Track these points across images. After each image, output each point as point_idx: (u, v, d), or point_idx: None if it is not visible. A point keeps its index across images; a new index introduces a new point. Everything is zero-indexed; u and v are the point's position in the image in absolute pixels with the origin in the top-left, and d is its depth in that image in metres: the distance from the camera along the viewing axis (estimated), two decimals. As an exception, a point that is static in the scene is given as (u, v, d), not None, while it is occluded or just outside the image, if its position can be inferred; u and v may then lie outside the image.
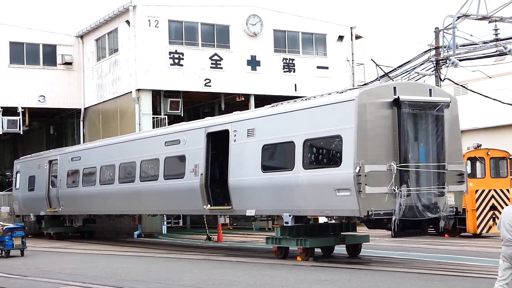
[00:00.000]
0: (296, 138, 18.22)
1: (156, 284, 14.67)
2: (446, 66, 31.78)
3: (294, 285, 13.94)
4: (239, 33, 35.33)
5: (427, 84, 21.18)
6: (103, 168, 27.76)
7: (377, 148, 16.64)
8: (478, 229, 25.19)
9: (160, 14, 33.56)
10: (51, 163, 32.27)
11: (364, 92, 16.92)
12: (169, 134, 24.10)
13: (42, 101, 37.45)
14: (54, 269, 18.79)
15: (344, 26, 38.37)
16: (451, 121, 17.62)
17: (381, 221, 17.02)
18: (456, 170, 17.73)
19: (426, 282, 13.68)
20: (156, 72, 33.36)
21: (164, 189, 23.69)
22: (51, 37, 37.95)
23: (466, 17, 28.89)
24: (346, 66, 38.04)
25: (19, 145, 48.38)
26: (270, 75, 35.85)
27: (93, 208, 29.20)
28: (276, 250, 19.67)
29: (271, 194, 19.13)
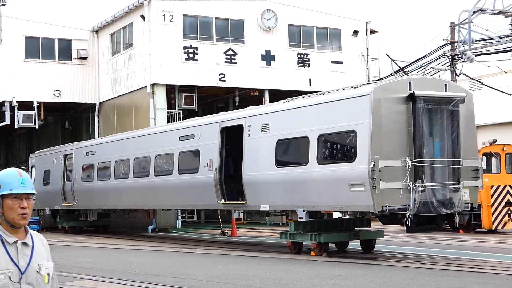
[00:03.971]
0: (310, 133, 18.20)
1: (170, 278, 14.71)
2: (461, 61, 31.65)
3: (308, 280, 13.94)
4: (253, 28, 35.30)
5: (442, 79, 21.10)
6: (118, 163, 27.85)
7: (392, 143, 16.59)
8: (493, 225, 25.07)
9: (174, 9, 33.58)
10: (66, 158, 32.41)
11: (379, 87, 16.87)
12: (183, 128, 24.14)
13: (57, 96, 37.60)
14: (69, 263, 18.88)
15: (359, 21, 38.25)
16: (466, 116, 17.53)
17: (395, 217, 16.97)
18: (471, 165, 17.65)
19: (440, 278, 13.63)
20: (170, 67, 33.40)
21: (178, 184, 23.74)
22: (66, 31, 38.08)
23: (482, 11, 28.75)
24: (361, 61, 37.92)
25: (35, 140, 48.66)
26: (285, 70, 35.80)
27: (108, 202, 29.31)
28: (290, 245, 19.67)
29: (285, 189, 19.13)
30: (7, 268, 4.08)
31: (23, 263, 4.15)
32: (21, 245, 4.19)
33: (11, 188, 4.20)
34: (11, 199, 4.19)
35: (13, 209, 4.17)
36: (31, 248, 4.23)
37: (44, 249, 4.34)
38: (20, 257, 4.15)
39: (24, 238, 4.23)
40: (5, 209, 4.19)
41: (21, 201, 4.21)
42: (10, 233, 4.19)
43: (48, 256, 4.36)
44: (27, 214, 4.21)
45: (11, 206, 4.18)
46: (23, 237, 4.24)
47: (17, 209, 4.18)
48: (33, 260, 4.19)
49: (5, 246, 4.13)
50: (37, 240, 4.32)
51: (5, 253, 4.11)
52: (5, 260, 4.10)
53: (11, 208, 4.17)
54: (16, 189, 4.22)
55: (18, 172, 4.32)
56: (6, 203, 4.18)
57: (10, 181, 4.23)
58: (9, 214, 4.18)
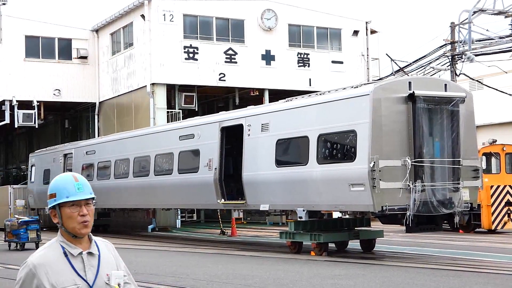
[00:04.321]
0: (310, 132, 18.20)
1: (170, 278, 14.71)
2: (461, 61, 31.66)
3: (307, 279, 13.94)
4: (253, 27, 35.29)
5: (442, 79, 21.11)
6: (118, 162, 27.85)
7: (392, 143, 16.60)
8: (493, 225, 25.06)
9: (175, 8, 33.58)
10: (66, 157, 32.41)
11: (379, 87, 16.87)
12: (183, 128, 24.14)
13: (57, 95, 37.60)
14: (68, 262, 18.85)
15: (359, 21, 38.25)
16: (466, 116, 17.54)
17: (395, 217, 16.98)
18: (471, 165, 17.65)
19: (440, 278, 13.63)
20: (170, 67, 33.40)
21: (178, 183, 23.74)
22: (66, 31, 38.08)
23: (482, 12, 28.76)
24: (361, 61, 37.91)
25: (34, 139, 48.67)
26: (285, 69, 35.80)
27: (108, 201, 29.29)
28: (290, 245, 19.67)
29: (285, 189, 19.14)
30: (74, 283, 3.73)
31: (90, 275, 3.80)
32: (86, 256, 3.84)
33: (67, 195, 3.82)
34: (69, 207, 3.81)
35: (72, 218, 3.81)
36: (97, 258, 3.88)
37: (112, 256, 3.98)
38: (87, 270, 3.80)
39: (89, 248, 3.88)
40: (64, 219, 3.83)
41: (80, 208, 3.83)
42: (73, 244, 3.83)
43: (118, 262, 4.01)
44: (88, 222, 3.83)
45: (69, 215, 3.81)
46: (88, 246, 3.88)
47: (76, 218, 3.81)
48: (101, 271, 3.85)
49: (69, 259, 3.78)
50: (103, 247, 3.96)
51: (70, 267, 3.77)
52: (71, 274, 3.76)
53: (70, 217, 3.81)
54: (73, 195, 3.83)
55: (73, 177, 3.91)
56: (64, 212, 3.82)
57: (65, 187, 3.84)
58: (69, 224, 3.81)
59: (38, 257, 3.78)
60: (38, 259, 3.77)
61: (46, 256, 3.78)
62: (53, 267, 3.74)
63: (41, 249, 3.85)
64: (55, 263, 3.75)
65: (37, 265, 3.72)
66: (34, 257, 3.78)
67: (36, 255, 3.80)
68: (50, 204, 3.86)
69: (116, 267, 3.94)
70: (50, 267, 3.73)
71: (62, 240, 3.84)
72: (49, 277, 3.70)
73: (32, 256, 3.79)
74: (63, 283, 3.70)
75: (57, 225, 3.86)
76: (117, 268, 3.95)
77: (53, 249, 3.82)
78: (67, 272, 3.74)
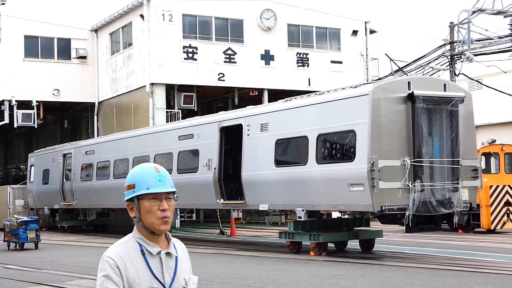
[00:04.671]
0: (310, 132, 18.21)
1: (169, 278, 14.67)
2: (460, 61, 31.66)
3: (307, 279, 13.94)
4: (253, 27, 35.29)
5: (441, 79, 21.10)
6: (117, 162, 27.85)
7: (391, 143, 16.60)
8: (492, 225, 25.07)
9: (174, 8, 33.58)
10: (65, 157, 32.41)
11: (378, 87, 16.88)
12: (182, 128, 24.14)
13: (56, 95, 37.59)
14: (68, 262, 18.88)
15: (358, 21, 38.25)
16: (465, 116, 17.55)
17: (394, 216, 16.99)
18: (471, 165, 17.66)
19: (439, 278, 13.64)
20: (170, 66, 33.40)
21: (178, 183, 23.45)
22: (65, 31, 38.07)
23: (481, 11, 28.77)
24: (360, 60, 37.92)
25: (34, 139, 48.65)
26: (284, 69, 35.80)
27: (107, 201, 29.29)
28: (289, 245, 19.67)
29: (284, 189, 19.14)
30: (151, 285, 3.42)
31: (168, 278, 3.47)
32: (164, 256, 3.50)
33: (147, 186, 3.50)
34: (149, 200, 3.48)
35: (152, 212, 3.47)
36: (175, 260, 3.54)
37: (186, 259, 3.64)
38: (165, 272, 3.47)
39: (167, 247, 3.54)
40: (142, 213, 3.48)
41: (160, 202, 3.49)
42: (151, 241, 3.50)
43: (190, 267, 3.67)
44: (168, 218, 3.49)
45: (149, 209, 3.47)
46: (166, 246, 3.54)
47: (156, 212, 3.47)
48: (178, 274, 3.51)
49: (146, 259, 3.45)
50: (178, 248, 3.62)
51: (146, 268, 3.44)
52: (148, 275, 3.43)
53: (149, 211, 3.47)
54: (154, 187, 3.50)
55: (154, 168, 3.59)
56: (143, 205, 3.48)
57: (146, 178, 3.52)
58: (148, 219, 3.47)
59: (115, 252, 3.45)
60: (115, 253, 3.45)
61: (124, 251, 3.46)
62: (131, 264, 3.42)
63: (116, 244, 3.51)
64: (133, 260, 3.44)
65: (116, 258, 3.41)
66: (111, 252, 3.45)
67: (113, 249, 3.47)
68: (128, 196, 3.54)
69: (189, 271, 3.62)
70: (128, 263, 3.42)
71: (139, 236, 3.51)
72: (127, 273, 3.40)
73: (107, 251, 3.47)
74: (139, 284, 3.40)
75: (133, 219, 3.55)
76: (190, 272, 3.63)
77: (129, 245, 3.49)
78: (143, 272, 3.43)
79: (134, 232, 3.54)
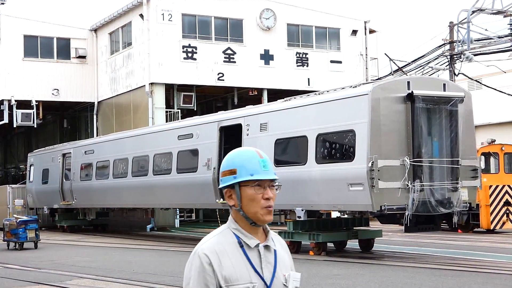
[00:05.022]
0: (309, 132, 18.21)
1: (169, 277, 14.70)
2: (460, 61, 31.65)
3: (306, 279, 13.93)
4: (252, 27, 35.29)
5: (441, 79, 21.10)
6: (116, 162, 27.85)
7: (391, 143, 16.60)
8: (491, 225, 25.07)
9: (173, 8, 33.57)
10: (64, 156, 32.40)
11: (378, 87, 16.88)
12: (182, 128, 24.14)
13: (56, 95, 37.58)
14: (67, 261, 18.88)
15: (358, 21, 38.25)
16: (465, 116, 17.55)
17: (394, 216, 17.00)
18: (470, 165, 17.66)
19: (439, 278, 13.64)
20: (169, 66, 33.39)
21: (177, 183, 23.74)
22: (65, 30, 38.06)
23: (481, 11, 28.77)
24: (360, 60, 37.92)
25: (33, 138, 48.64)
26: (283, 69, 35.80)
27: (106, 201, 29.30)
28: (288, 245, 19.59)
29: (283, 189, 18.95)
30: (250, 280, 3.14)
31: (267, 273, 3.19)
32: (263, 250, 3.22)
33: (251, 172, 3.20)
34: (253, 188, 3.19)
35: (256, 201, 3.17)
36: (273, 254, 3.26)
37: (286, 254, 3.37)
38: (264, 266, 3.19)
39: (265, 240, 3.25)
40: (244, 201, 3.19)
41: (264, 190, 3.20)
42: (249, 233, 3.22)
43: (291, 264, 3.37)
44: (272, 207, 3.22)
45: (252, 197, 3.18)
46: (264, 238, 3.26)
47: (260, 201, 3.18)
48: (278, 269, 3.23)
49: (245, 252, 3.18)
50: (277, 242, 3.34)
51: (246, 261, 3.17)
52: (247, 270, 3.16)
53: (253, 200, 3.18)
54: (258, 174, 3.21)
55: (256, 152, 3.30)
56: (246, 193, 3.19)
57: (249, 164, 3.23)
58: (251, 208, 3.18)
59: (210, 245, 3.19)
60: (210, 247, 3.18)
61: (219, 244, 3.19)
62: (227, 258, 3.15)
63: (211, 236, 3.26)
64: (229, 253, 3.17)
65: (210, 254, 3.15)
66: (205, 245, 3.20)
67: (207, 242, 3.21)
68: (227, 182, 3.23)
69: (289, 267, 3.32)
70: (223, 258, 3.15)
71: (236, 227, 3.22)
72: (222, 269, 3.13)
73: (202, 244, 3.23)
74: (238, 279, 3.13)
75: (230, 208, 3.26)
76: (292, 268, 3.34)
77: (225, 237, 3.22)
78: (241, 266, 3.15)
79: (229, 222, 3.25)
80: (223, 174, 3.25)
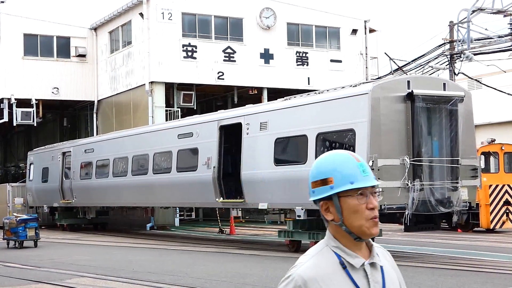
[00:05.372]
0: (309, 131, 18.21)
1: (169, 276, 14.71)
2: (460, 60, 31.64)
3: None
4: (252, 26, 35.28)
5: (441, 78, 21.10)
6: (116, 160, 27.85)
7: (391, 142, 16.61)
8: (491, 224, 25.07)
9: (173, 7, 33.57)
10: (64, 155, 32.41)
11: (378, 86, 16.88)
12: (182, 126, 24.14)
13: (55, 93, 37.58)
14: (67, 260, 18.88)
15: (358, 20, 38.23)
16: (465, 116, 17.55)
17: (394, 216, 17.00)
18: (470, 164, 17.66)
19: (438, 277, 13.64)
20: (169, 65, 33.39)
21: (177, 182, 23.74)
22: (65, 29, 38.05)
23: (481, 11, 28.76)
24: (360, 60, 37.91)
25: (33, 137, 48.63)
26: (283, 68, 35.79)
27: (106, 200, 29.31)
28: (288, 244, 19.68)
29: (283, 188, 19.14)
30: None
31: None
32: (370, 269, 2.75)
33: (351, 180, 2.73)
34: (355, 197, 2.73)
35: (359, 212, 2.72)
36: (380, 271, 2.79)
37: (393, 269, 2.89)
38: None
39: (369, 257, 2.78)
40: (346, 214, 2.73)
41: (367, 199, 2.74)
42: (352, 250, 2.75)
43: (399, 277, 2.91)
44: (377, 218, 2.77)
45: (355, 208, 2.72)
46: (367, 254, 2.79)
47: (364, 212, 2.72)
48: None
49: (349, 274, 2.71)
50: (381, 256, 2.86)
51: (351, 285, 2.69)
52: None
53: (356, 211, 2.72)
54: (360, 181, 2.74)
55: (353, 157, 2.80)
56: (347, 204, 2.73)
57: (347, 170, 2.75)
58: (354, 221, 2.72)
59: (307, 269, 2.70)
60: (307, 271, 2.70)
61: (318, 267, 2.71)
62: (329, 283, 2.68)
63: (308, 257, 2.77)
64: (330, 277, 2.69)
65: (308, 280, 2.67)
66: (302, 269, 2.71)
67: (304, 266, 2.72)
68: (323, 194, 2.77)
69: (399, 283, 2.86)
70: (324, 283, 2.67)
71: (336, 245, 2.76)
72: None
73: (298, 267, 2.73)
74: None
75: (327, 223, 2.81)
76: (400, 285, 2.88)
77: (324, 257, 2.75)
78: None
79: (328, 239, 2.79)
80: (314, 185, 2.80)
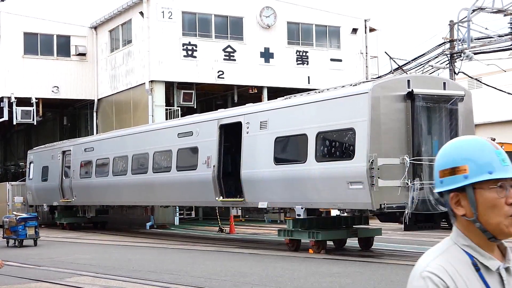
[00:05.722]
0: (309, 130, 18.21)
1: (168, 275, 14.71)
2: (460, 60, 31.63)
3: (305, 277, 13.95)
4: (252, 25, 35.27)
5: (441, 78, 21.11)
6: (116, 159, 27.85)
7: (390, 141, 16.61)
8: (491, 224, 25.05)
9: (173, 6, 33.56)
10: (64, 154, 32.41)
11: (378, 85, 16.88)
12: (182, 125, 24.14)
13: (56, 92, 37.58)
14: (67, 259, 18.88)
15: (358, 19, 38.22)
16: (465, 115, 17.56)
17: (393, 215, 17.00)
18: (470, 164, 17.63)
19: (438, 276, 13.62)
20: (169, 64, 33.38)
21: (177, 181, 23.74)
22: (65, 28, 38.05)
23: (481, 10, 28.75)
24: (360, 59, 37.90)
25: (33, 136, 48.61)
26: (283, 67, 35.78)
27: (106, 198, 29.31)
28: (288, 243, 19.68)
29: (283, 187, 19.14)
30: None
31: None
32: (505, 274, 2.39)
33: (489, 170, 2.34)
34: (494, 190, 2.34)
35: (498, 207, 2.33)
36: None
37: None
38: None
39: (503, 259, 2.42)
40: (482, 209, 2.35)
41: (507, 193, 2.33)
42: (486, 251, 2.40)
43: None
44: None
45: (494, 203, 2.33)
46: (501, 256, 2.42)
47: (503, 207, 2.33)
48: None
49: (482, 276, 2.36)
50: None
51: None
52: None
53: (495, 206, 2.33)
54: (499, 171, 2.34)
55: (491, 144, 2.40)
56: (484, 198, 2.35)
57: (483, 158, 2.35)
58: (491, 217, 2.34)
59: (438, 266, 2.35)
60: (439, 268, 2.35)
61: (449, 264, 2.36)
62: (463, 284, 2.34)
63: (435, 254, 2.43)
64: (464, 278, 2.35)
65: (442, 275, 2.33)
66: (433, 266, 2.36)
67: (434, 262, 2.38)
68: (455, 184, 2.39)
69: None
70: (458, 282, 2.34)
71: (467, 243, 2.42)
72: None
73: (425, 263, 2.39)
74: None
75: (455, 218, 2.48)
76: None
77: (453, 256, 2.41)
78: None
79: (456, 236, 2.47)
80: (442, 174, 2.42)
